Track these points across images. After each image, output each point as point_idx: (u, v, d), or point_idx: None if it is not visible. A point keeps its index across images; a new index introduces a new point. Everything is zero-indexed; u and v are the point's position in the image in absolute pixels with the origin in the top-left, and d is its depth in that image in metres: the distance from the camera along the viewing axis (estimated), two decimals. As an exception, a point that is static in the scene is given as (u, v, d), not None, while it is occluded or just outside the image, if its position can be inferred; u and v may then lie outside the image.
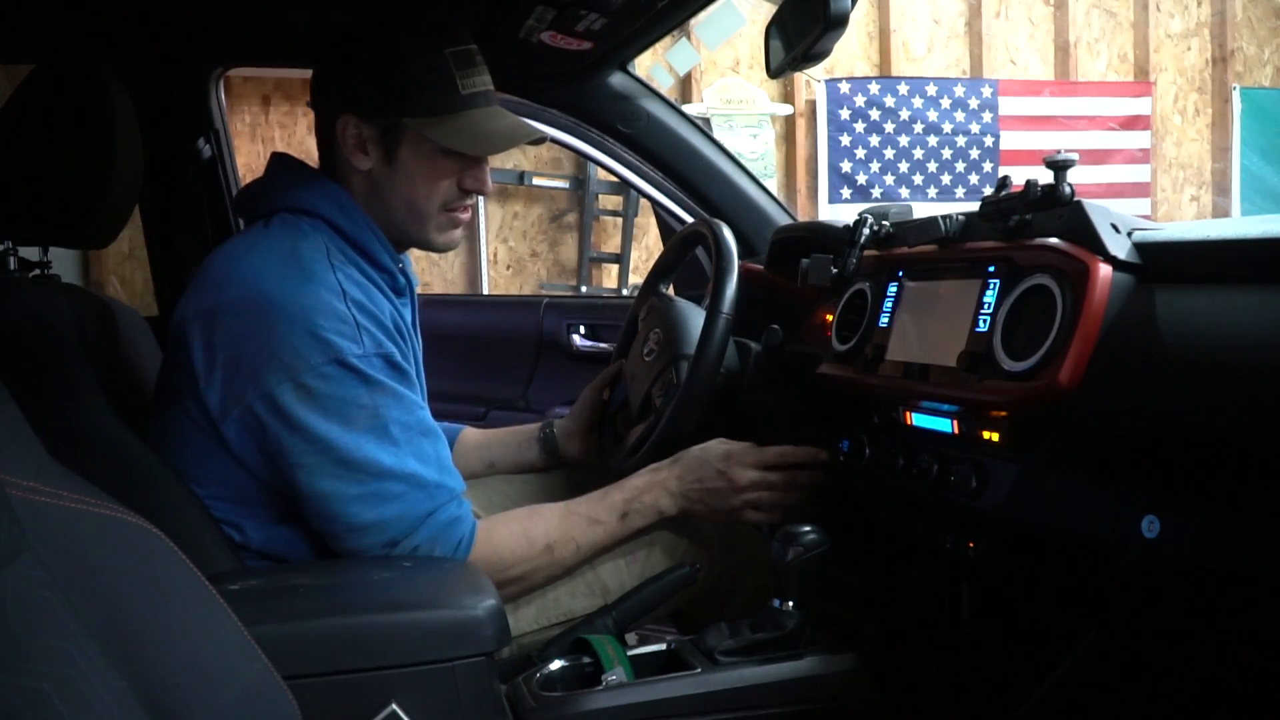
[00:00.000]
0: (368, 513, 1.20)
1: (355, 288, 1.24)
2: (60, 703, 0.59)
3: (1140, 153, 6.37)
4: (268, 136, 5.00)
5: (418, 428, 1.25)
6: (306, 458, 1.19)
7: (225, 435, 1.22)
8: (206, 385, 1.21)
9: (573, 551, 1.34)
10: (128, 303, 1.62)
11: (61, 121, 1.29)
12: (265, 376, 1.18)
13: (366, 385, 1.20)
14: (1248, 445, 0.90)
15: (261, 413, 1.19)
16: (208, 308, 1.22)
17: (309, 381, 1.18)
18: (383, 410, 1.21)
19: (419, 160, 1.30)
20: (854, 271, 1.43)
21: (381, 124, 1.29)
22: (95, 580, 0.67)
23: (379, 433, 1.21)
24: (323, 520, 1.22)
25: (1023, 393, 1.08)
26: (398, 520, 1.21)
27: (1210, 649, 1.04)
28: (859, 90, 5.85)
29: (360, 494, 1.20)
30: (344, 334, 1.19)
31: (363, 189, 1.33)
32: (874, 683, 1.27)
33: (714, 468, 1.39)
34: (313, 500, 1.21)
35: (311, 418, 1.18)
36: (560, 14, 1.58)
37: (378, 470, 1.20)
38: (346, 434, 1.19)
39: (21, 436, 0.71)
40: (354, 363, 1.19)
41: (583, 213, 5.45)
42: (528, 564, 1.30)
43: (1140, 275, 1.07)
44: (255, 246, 1.27)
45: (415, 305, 1.45)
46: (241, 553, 1.27)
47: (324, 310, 1.19)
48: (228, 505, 1.26)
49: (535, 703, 1.20)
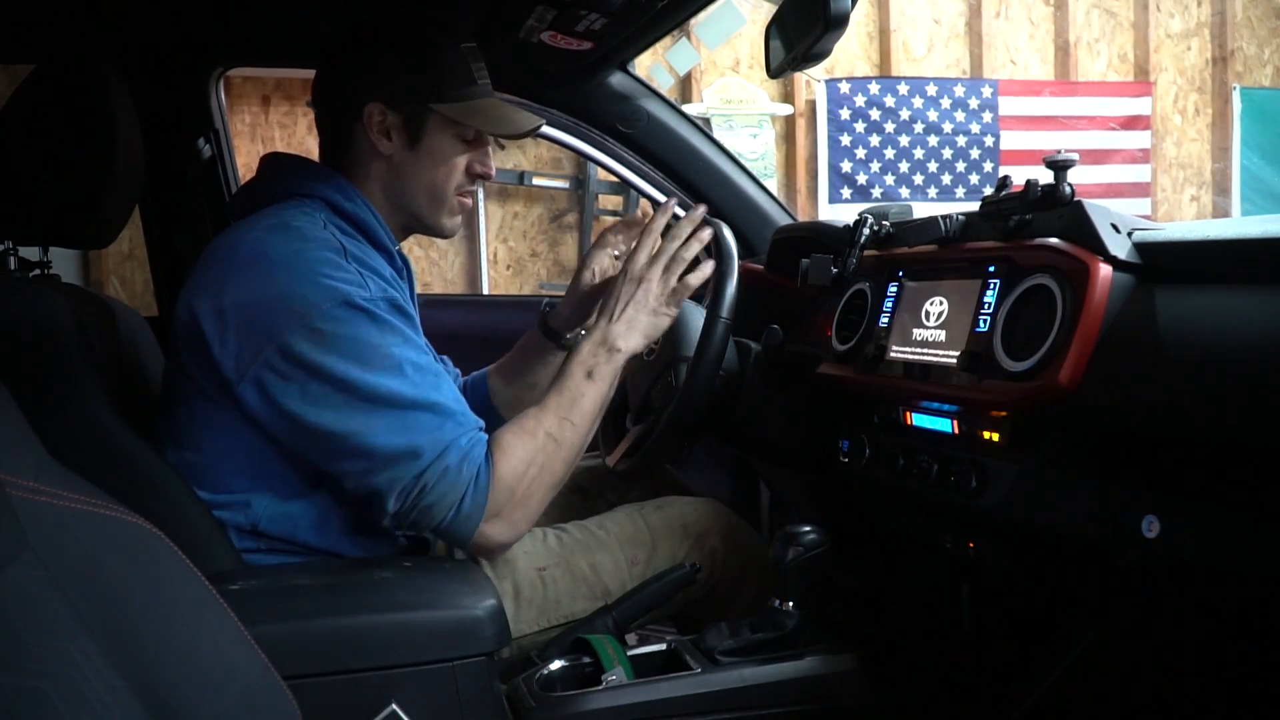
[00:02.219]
0: (398, 439, 1.22)
1: (354, 247, 1.29)
2: (60, 703, 0.59)
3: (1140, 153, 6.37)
4: (268, 136, 4.99)
5: (429, 369, 1.27)
6: (330, 399, 1.21)
7: (242, 398, 1.23)
8: (221, 352, 1.22)
9: (571, 429, 1.34)
10: (128, 303, 1.62)
11: (61, 121, 1.29)
12: (278, 328, 1.21)
13: (377, 325, 1.23)
14: (1248, 445, 0.90)
15: (279, 365, 1.21)
16: (214, 280, 1.25)
17: (321, 325, 1.20)
18: (395, 350, 1.24)
19: (441, 144, 1.38)
20: (854, 271, 1.43)
21: (407, 110, 1.36)
22: (95, 580, 0.67)
23: (395, 370, 1.23)
24: (353, 458, 1.23)
25: (1023, 393, 1.08)
26: (430, 445, 1.22)
27: (1210, 649, 1.04)
28: (859, 90, 5.84)
29: (388, 424, 1.22)
30: (349, 280, 1.23)
31: (382, 174, 1.38)
32: (874, 683, 1.27)
33: (621, 287, 1.40)
34: (342, 440, 1.22)
35: (329, 359, 1.20)
36: (560, 14, 1.58)
37: (401, 401, 1.22)
38: (365, 372, 1.21)
39: (22, 436, 0.70)
40: (362, 303, 1.22)
41: (583, 213, 5.45)
42: (540, 455, 1.31)
43: (1140, 275, 1.07)
44: (253, 225, 1.30)
45: (414, 290, 1.48)
46: (247, 537, 1.27)
47: (326, 262, 1.24)
48: (240, 480, 1.27)
49: (535, 703, 1.20)
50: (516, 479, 1.28)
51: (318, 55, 1.40)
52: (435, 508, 1.23)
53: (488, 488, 1.25)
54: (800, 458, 1.53)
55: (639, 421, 1.57)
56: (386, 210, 1.39)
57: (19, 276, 1.37)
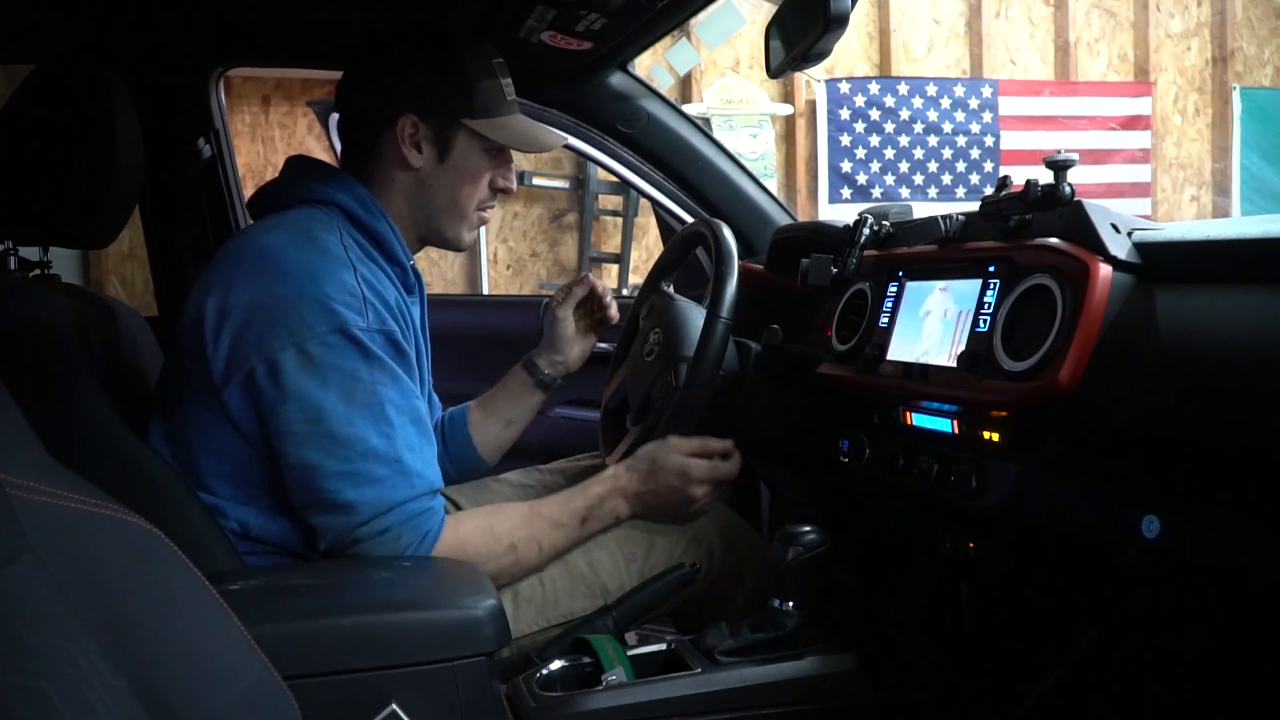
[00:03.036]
0: (347, 491, 1.21)
1: (365, 268, 1.28)
2: (60, 703, 0.59)
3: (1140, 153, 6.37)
4: (268, 136, 5.00)
5: (410, 414, 1.26)
6: (297, 426, 1.21)
7: (226, 402, 1.23)
8: (213, 352, 1.22)
9: (535, 552, 1.35)
10: (128, 303, 1.62)
11: (61, 121, 1.29)
12: (269, 341, 1.20)
13: (366, 360, 1.22)
14: (1248, 445, 0.90)
15: (261, 377, 1.20)
16: (223, 278, 1.26)
17: (311, 348, 1.20)
18: (379, 389, 1.23)
19: (469, 159, 1.39)
20: (854, 271, 1.43)
21: (438, 124, 1.36)
22: (95, 580, 0.67)
23: (373, 410, 1.22)
24: (301, 492, 1.23)
25: (1023, 393, 1.08)
26: (375, 502, 1.22)
27: (1210, 649, 1.04)
28: (859, 90, 5.85)
29: (343, 471, 1.21)
30: (350, 305, 1.22)
31: (407, 186, 1.38)
32: (874, 683, 1.27)
33: (671, 480, 1.41)
34: (296, 470, 1.22)
35: (309, 385, 1.20)
36: (560, 14, 1.58)
37: (364, 450, 1.21)
38: (340, 406, 1.20)
39: (22, 436, 0.71)
40: (357, 334, 1.22)
41: (583, 213, 5.45)
42: (492, 563, 1.30)
43: (1140, 275, 1.07)
44: (271, 228, 1.30)
45: (424, 305, 1.48)
46: (241, 540, 1.27)
47: (333, 281, 1.23)
48: (225, 485, 1.27)
49: (535, 703, 1.20)
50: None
51: (318, 55, 1.40)
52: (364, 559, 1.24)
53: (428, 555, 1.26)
54: (800, 458, 1.53)
55: (639, 421, 1.57)
56: (407, 222, 1.39)
57: (19, 276, 1.37)
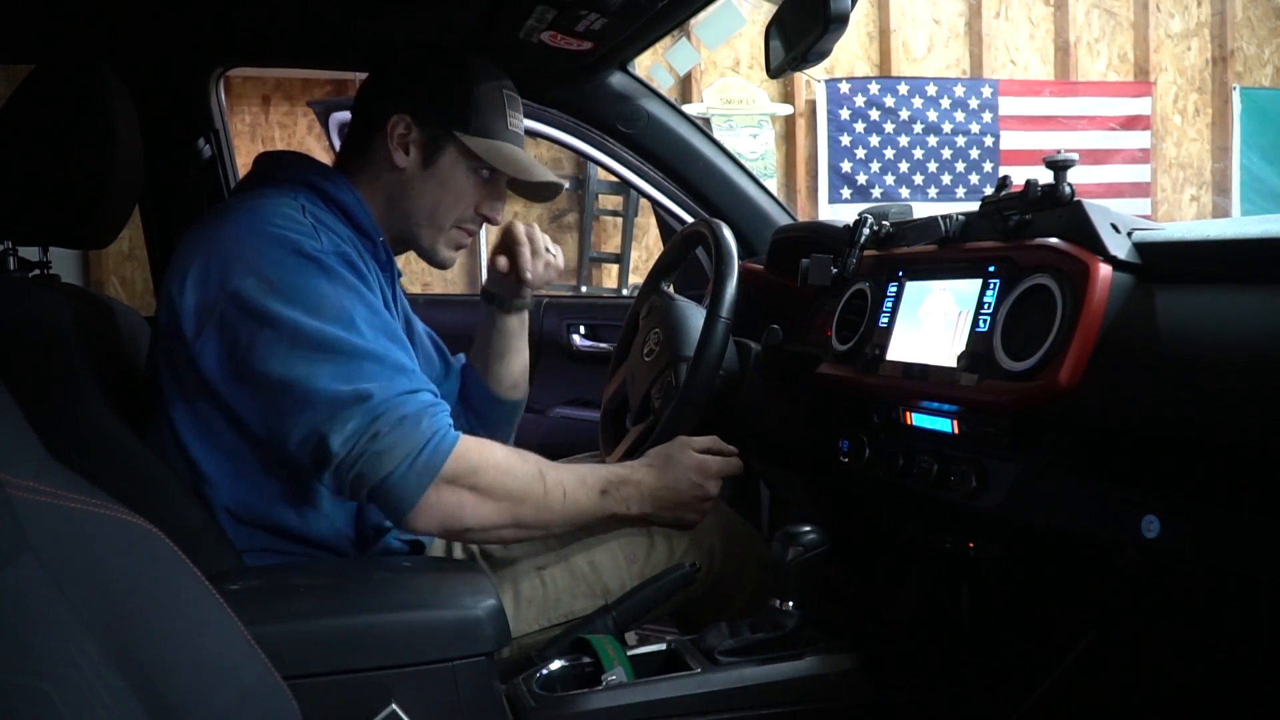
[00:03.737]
0: (345, 386, 1.16)
1: (316, 209, 1.30)
2: (60, 703, 0.59)
3: (1140, 153, 6.38)
4: (268, 136, 5.00)
5: (385, 330, 1.23)
6: (276, 346, 1.17)
7: (198, 356, 1.21)
8: (181, 310, 1.22)
9: (559, 497, 1.28)
10: (128, 303, 1.62)
11: (61, 121, 1.29)
12: (230, 278, 1.20)
13: (328, 277, 1.22)
14: (1248, 445, 0.90)
15: (230, 314, 1.20)
16: (182, 254, 1.26)
17: (270, 273, 1.20)
18: (346, 304, 1.21)
19: (454, 172, 1.40)
20: (854, 271, 1.43)
21: (431, 131, 1.38)
22: (95, 580, 0.67)
23: (345, 322, 1.19)
24: (299, 408, 1.17)
25: (1023, 393, 1.08)
26: (381, 391, 1.17)
27: (1210, 649, 1.04)
28: (859, 90, 5.85)
29: (334, 371, 1.17)
30: (300, 231, 1.24)
31: (389, 185, 1.40)
32: (874, 683, 1.27)
33: (689, 475, 1.37)
34: (287, 389, 1.17)
35: (276, 305, 1.18)
36: (560, 14, 1.58)
37: (350, 349, 1.18)
38: (312, 319, 1.18)
39: (22, 437, 0.71)
40: (312, 252, 1.22)
41: (583, 213, 5.46)
42: (520, 481, 1.24)
43: (1140, 275, 1.07)
44: (227, 204, 1.33)
45: (396, 281, 1.46)
46: (238, 526, 1.26)
47: (278, 214, 1.25)
48: (223, 465, 1.26)
49: (535, 703, 1.20)
50: (484, 465, 1.21)
51: (317, 55, 1.41)
52: (386, 456, 1.16)
53: (449, 452, 1.19)
54: (800, 458, 1.53)
55: (639, 421, 1.57)
56: (384, 219, 1.40)
57: (19, 276, 1.37)
